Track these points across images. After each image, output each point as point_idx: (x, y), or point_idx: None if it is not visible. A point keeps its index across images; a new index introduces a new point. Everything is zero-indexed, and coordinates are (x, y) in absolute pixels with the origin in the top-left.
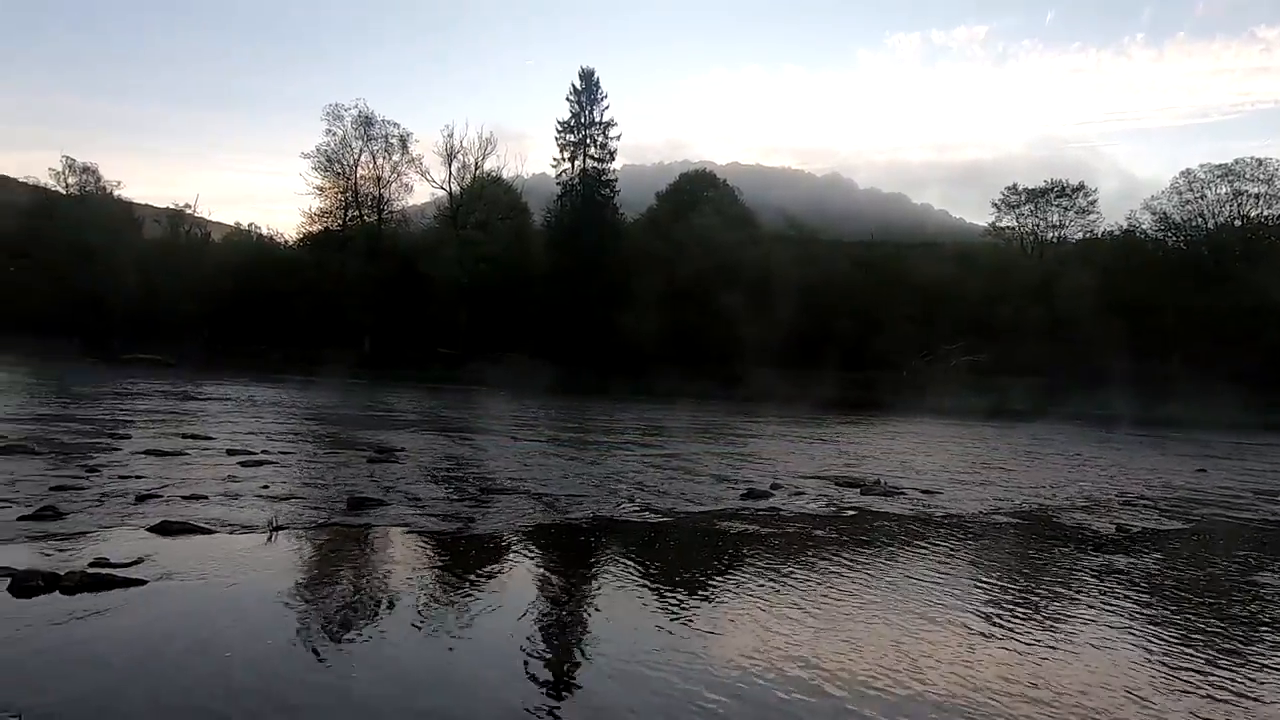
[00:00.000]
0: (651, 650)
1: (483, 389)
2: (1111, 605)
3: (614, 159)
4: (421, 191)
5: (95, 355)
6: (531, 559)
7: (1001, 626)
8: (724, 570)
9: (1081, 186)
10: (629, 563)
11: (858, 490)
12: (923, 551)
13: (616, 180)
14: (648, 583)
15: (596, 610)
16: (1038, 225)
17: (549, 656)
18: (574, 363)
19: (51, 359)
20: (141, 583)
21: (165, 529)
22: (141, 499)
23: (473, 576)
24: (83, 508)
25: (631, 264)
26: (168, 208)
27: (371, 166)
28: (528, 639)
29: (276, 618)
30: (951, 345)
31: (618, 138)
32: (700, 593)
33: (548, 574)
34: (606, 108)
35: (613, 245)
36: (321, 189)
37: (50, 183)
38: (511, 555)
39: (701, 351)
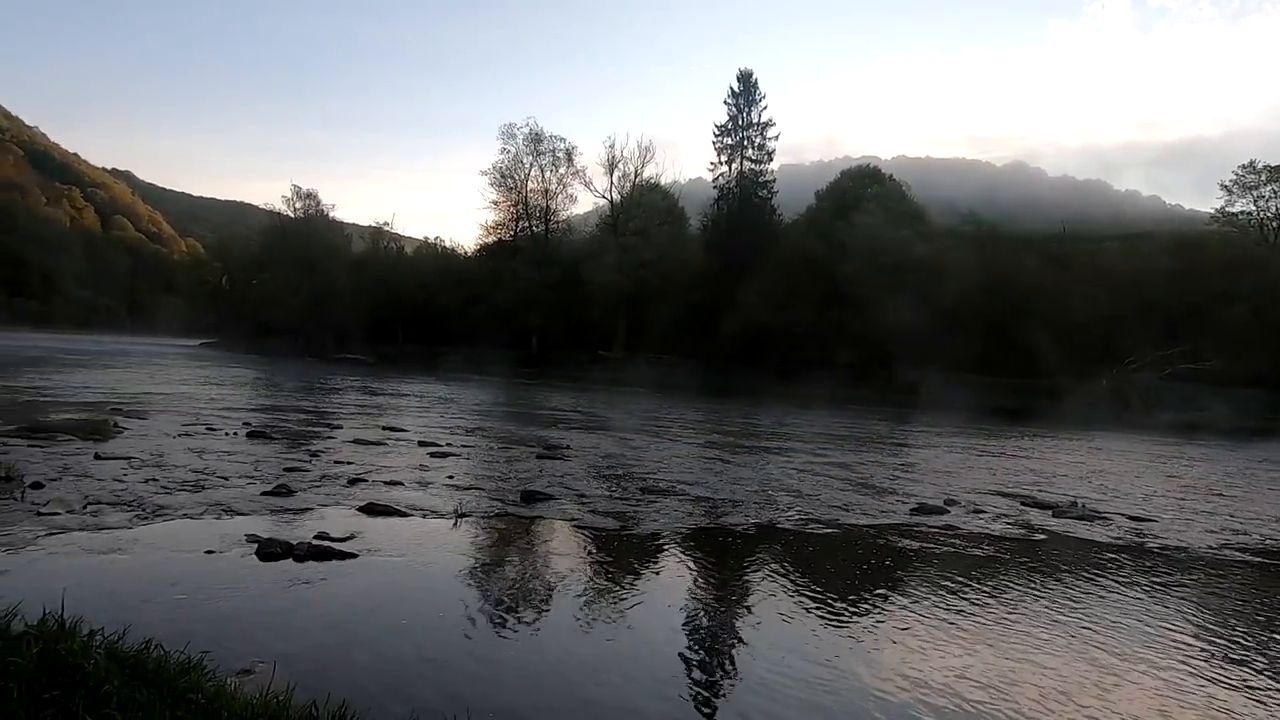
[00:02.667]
0: (803, 666)
1: (641, 390)
2: None
3: (772, 160)
4: (585, 201)
5: (314, 354)
6: (688, 562)
7: (1229, 689)
8: (887, 590)
9: None
10: (785, 573)
11: (1049, 512)
12: (1126, 588)
13: (774, 181)
14: (804, 596)
15: (750, 619)
16: None
17: (699, 662)
18: (730, 365)
19: (282, 357)
20: (354, 556)
21: (371, 510)
22: (352, 482)
23: (631, 575)
24: (307, 487)
25: (789, 266)
26: (370, 225)
27: (540, 180)
28: (679, 642)
29: (454, 597)
30: (1166, 351)
31: (776, 138)
32: (860, 611)
33: (703, 578)
34: (765, 108)
35: (770, 247)
36: (496, 203)
37: (282, 207)
38: (669, 557)
39: (864, 355)
